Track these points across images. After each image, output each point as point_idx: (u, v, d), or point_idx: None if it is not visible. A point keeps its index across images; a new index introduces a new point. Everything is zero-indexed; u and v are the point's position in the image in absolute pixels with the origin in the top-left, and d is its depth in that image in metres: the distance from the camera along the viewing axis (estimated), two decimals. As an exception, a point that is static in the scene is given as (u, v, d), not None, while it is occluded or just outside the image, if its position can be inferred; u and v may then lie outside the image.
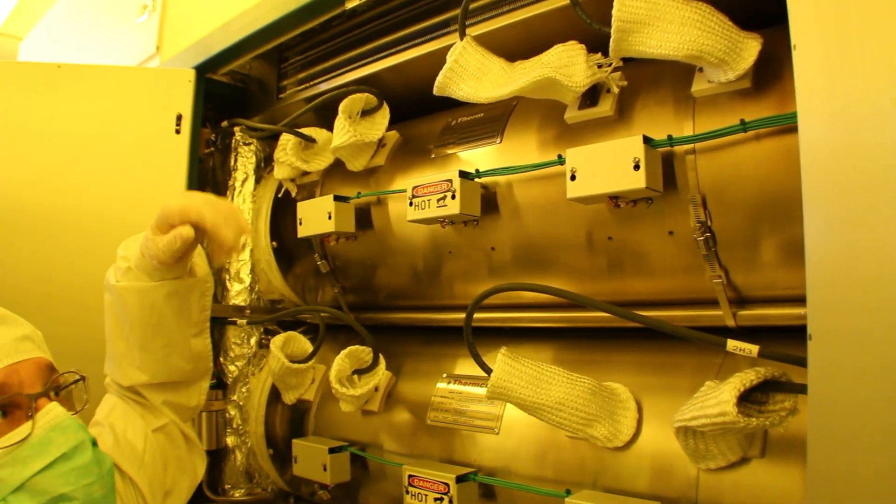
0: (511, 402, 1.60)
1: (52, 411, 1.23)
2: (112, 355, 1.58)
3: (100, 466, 1.25)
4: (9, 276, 2.24)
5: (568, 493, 1.54)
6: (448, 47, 1.74)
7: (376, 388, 2.13)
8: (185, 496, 1.66)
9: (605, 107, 1.60)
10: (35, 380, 1.26)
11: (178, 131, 2.46)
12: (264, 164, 2.70)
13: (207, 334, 1.63)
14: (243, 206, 2.62)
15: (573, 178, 1.47)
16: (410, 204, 1.81)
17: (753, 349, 1.27)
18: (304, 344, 2.38)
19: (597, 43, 1.53)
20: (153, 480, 1.53)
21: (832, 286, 1.01)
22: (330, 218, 2.10)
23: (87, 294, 2.24)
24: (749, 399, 1.27)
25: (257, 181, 2.67)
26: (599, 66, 1.56)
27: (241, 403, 2.56)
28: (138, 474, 1.48)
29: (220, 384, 2.57)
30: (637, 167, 1.38)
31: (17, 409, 1.22)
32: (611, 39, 1.38)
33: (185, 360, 1.58)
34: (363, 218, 2.17)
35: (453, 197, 1.72)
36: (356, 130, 2.08)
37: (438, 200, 1.74)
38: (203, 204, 1.40)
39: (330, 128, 2.19)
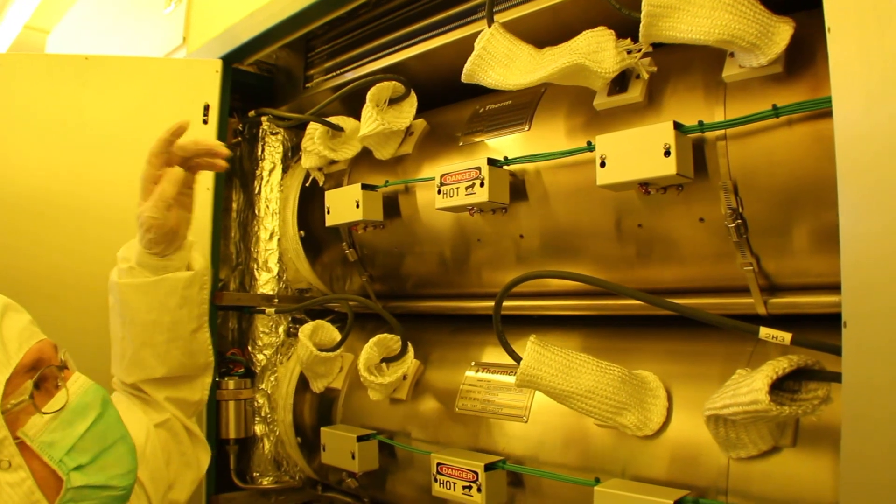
0: (540, 390, 1.59)
1: (79, 379, 1.33)
2: (116, 355, 1.67)
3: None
4: (37, 267, 2.26)
5: (597, 481, 1.53)
6: (476, 34, 1.72)
7: (404, 377, 2.14)
8: (189, 489, 1.71)
9: (635, 93, 1.59)
10: (52, 355, 1.35)
11: (205, 121, 2.46)
12: (291, 154, 2.70)
13: (207, 328, 1.70)
14: (271, 196, 2.63)
15: (603, 164, 1.47)
16: (439, 192, 1.81)
17: (786, 337, 1.25)
18: (332, 332, 2.39)
19: (626, 28, 1.52)
20: (155, 474, 1.57)
21: (868, 272, 1.00)
22: (358, 206, 2.10)
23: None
24: (781, 387, 1.26)
25: (284, 170, 2.68)
26: (629, 52, 1.55)
27: (269, 392, 2.57)
28: (140, 468, 1.51)
29: (249, 373, 2.58)
30: (668, 153, 1.37)
31: (46, 381, 1.30)
32: (640, 24, 1.37)
33: (185, 356, 1.65)
34: (391, 206, 2.17)
35: (482, 185, 1.71)
36: (383, 119, 2.08)
37: (467, 188, 1.74)
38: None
39: (357, 116, 2.19)
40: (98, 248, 2.30)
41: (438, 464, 1.81)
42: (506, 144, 1.88)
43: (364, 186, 2.11)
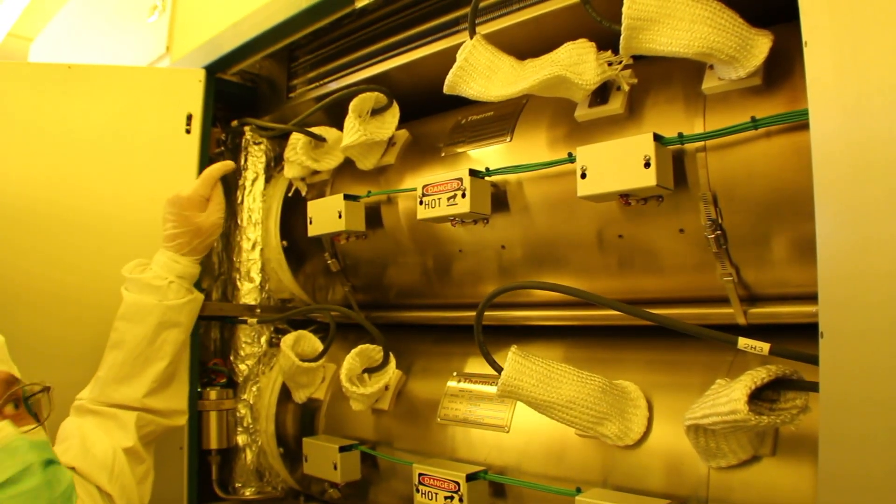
0: (521, 401, 1.59)
1: (1, 431, 1.11)
2: (115, 374, 1.78)
3: (51, 490, 1.12)
4: (18, 276, 2.25)
5: (578, 491, 1.53)
6: (458, 46, 1.73)
7: (386, 387, 2.13)
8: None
9: (616, 105, 1.59)
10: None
11: (188, 131, 2.46)
12: (274, 164, 2.70)
13: None
14: (253, 206, 2.62)
15: (583, 176, 1.47)
16: (421, 202, 1.81)
17: (765, 347, 1.26)
18: (314, 343, 2.38)
19: (607, 41, 1.53)
20: (126, 491, 1.55)
21: (844, 283, 1.01)
22: (340, 217, 2.10)
23: (96, 294, 2.25)
24: (760, 397, 1.26)
25: (267, 180, 2.67)
26: (609, 64, 1.56)
27: (251, 402, 2.56)
28: (110, 482, 1.47)
29: (231, 383, 2.57)
30: (648, 165, 1.38)
31: None
32: (621, 37, 1.38)
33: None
34: (373, 217, 2.17)
35: (463, 195, 1.72)
36: (366, 129, 2.08)
37: (449, 199, 1.74)
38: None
39: (340, 127, 2.19)
40: (78, 255, 2.29)
41: (420, 474, 1.81)
42: (488, 155, 1.89)
43: (346, 197, 2.11)
